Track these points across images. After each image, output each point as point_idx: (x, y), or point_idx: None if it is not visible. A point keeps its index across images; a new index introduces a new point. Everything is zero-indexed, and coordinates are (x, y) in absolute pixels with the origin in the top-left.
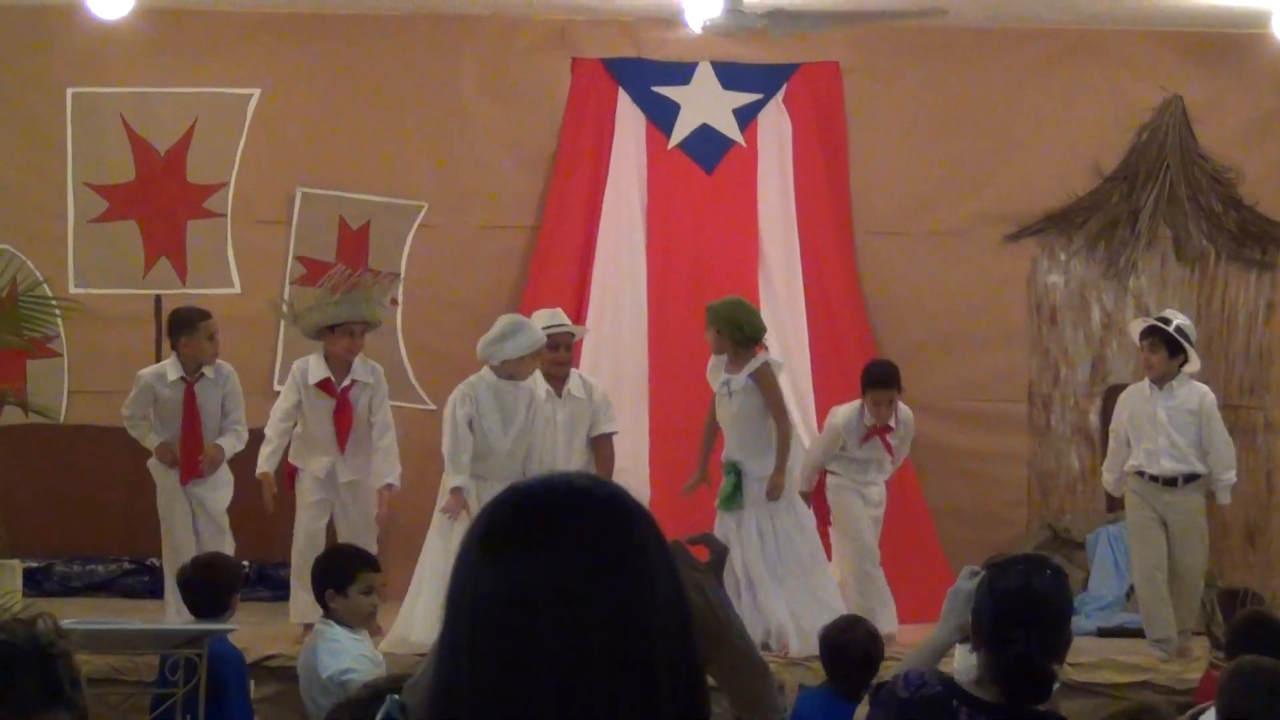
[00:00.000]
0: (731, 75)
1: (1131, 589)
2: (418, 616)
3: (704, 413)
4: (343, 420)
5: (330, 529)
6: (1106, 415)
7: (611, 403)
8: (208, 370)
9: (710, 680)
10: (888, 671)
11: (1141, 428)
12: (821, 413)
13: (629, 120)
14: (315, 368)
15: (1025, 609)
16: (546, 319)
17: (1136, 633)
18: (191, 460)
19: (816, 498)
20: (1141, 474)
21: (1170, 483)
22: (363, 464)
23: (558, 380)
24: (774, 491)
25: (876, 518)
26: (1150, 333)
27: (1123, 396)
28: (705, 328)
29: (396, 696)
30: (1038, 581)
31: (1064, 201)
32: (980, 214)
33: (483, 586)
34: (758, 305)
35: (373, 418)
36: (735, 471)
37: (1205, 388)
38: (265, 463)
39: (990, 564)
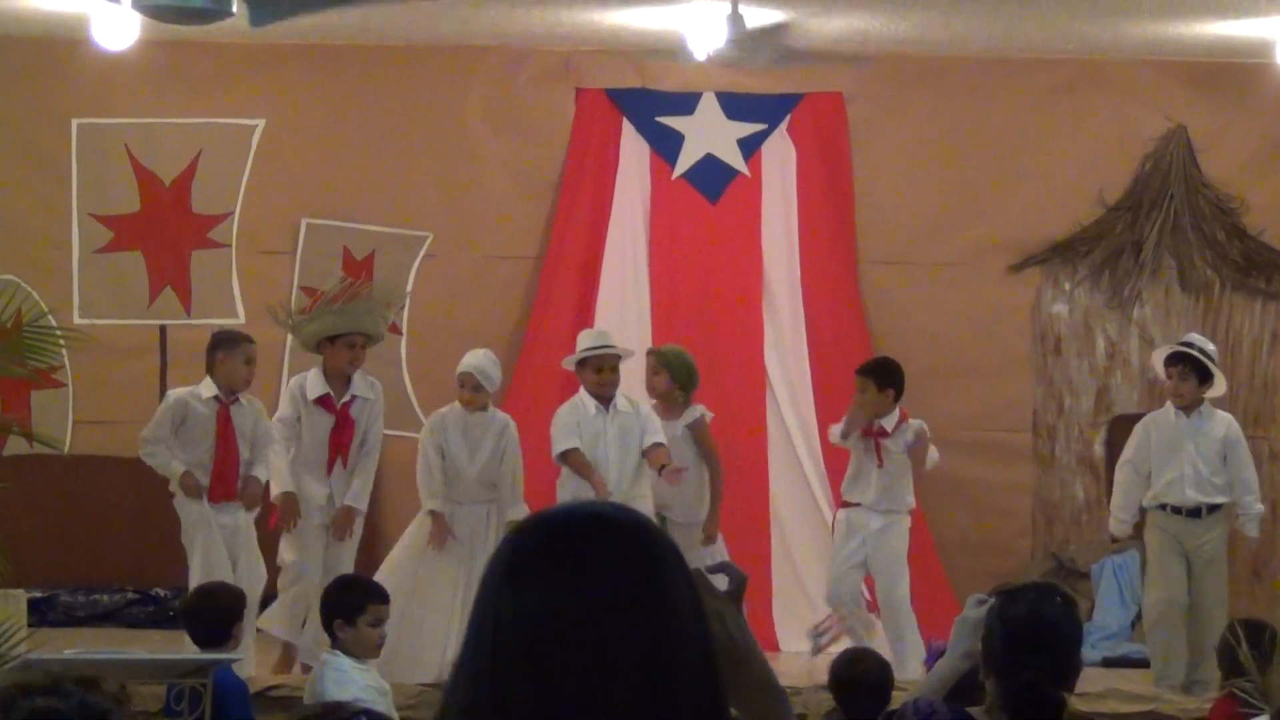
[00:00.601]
0: (735, 105)
1: (1137, 619)
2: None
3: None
4: (342, 438)
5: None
6: (1111, 445)
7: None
8: (243, 397)
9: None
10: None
11: (1165, 456)
12: (825, 442)
13: (633, 150)
14: (314, 383)
15: (1035, 636)
16: (589, 340)
17: (1141, 663)
18: (225, 480)
19: None
20: (1164, 506)
21: (1194, 513)
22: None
23: (605, 399)
24: (710, 539)
25: (860, 559)
26: (1177, 359)
27: (1142, 425)
28: (651, 371)
29: None
30: (1048, 609)
31: (1068, 231)
32: (984, 243)
33: (507, 614)
34: (761, 335)
35: (365, 434)
36: (661, 519)
37: (1230, 416)
38: (286, 480)
39: (1000, 591)
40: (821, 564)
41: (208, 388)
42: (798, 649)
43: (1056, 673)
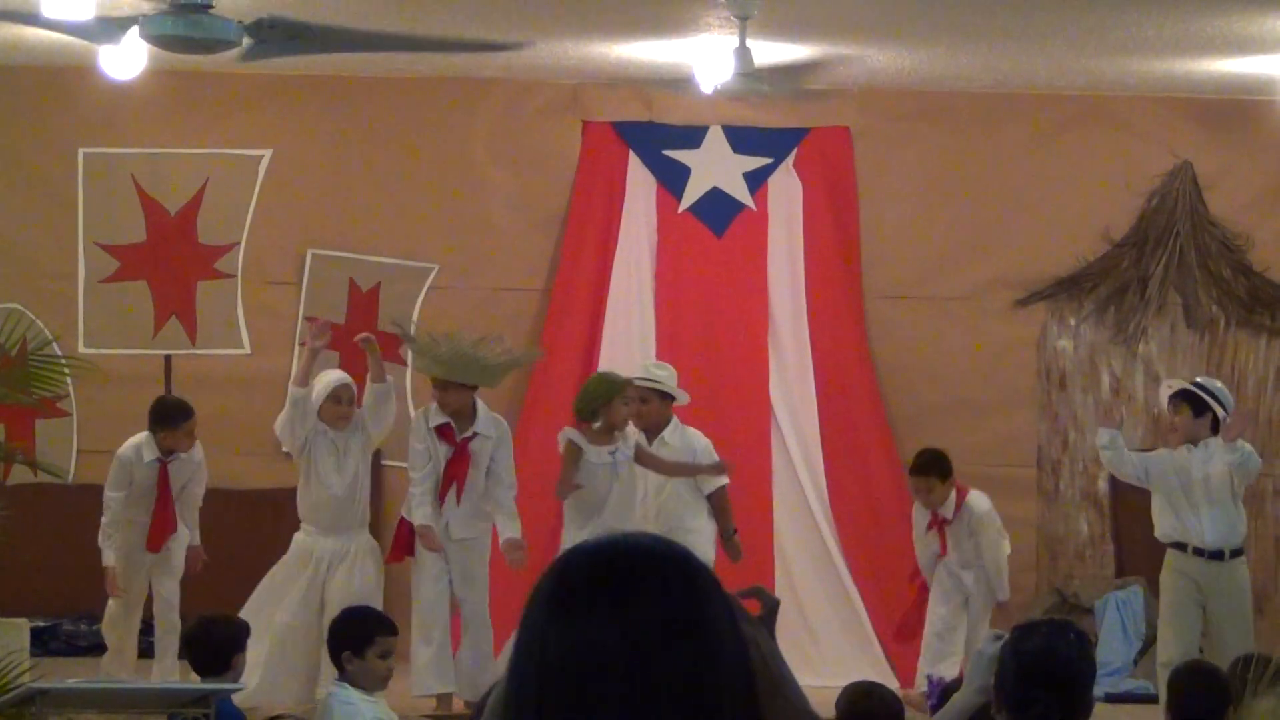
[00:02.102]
0: (742, 139)
1: (1140, 655)
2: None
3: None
4: (458, 470)
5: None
6: (1115, 481)
7: (712, 453)
8: (181, 454)
9: None
10: None
11: (1179, 498)
12: (831, 474)
13: (639, 183)
14: (436, 413)
15: (1047, 672)
16: (641, 371)
17: (1144, 699)
18: (163, 532)
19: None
20: (1183, 547)
21: (1216, 556)
22: (476, 521)
23: (649, 432)
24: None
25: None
26: (1174, 395)
27: (1166, 453)
28: (633, 400)
29: None
30: (1061, 645)
31: (1074, 267)
32: (990, 278)
33: (551, 646)
34: (767, 368)
35: (494, 468)
36: None
37: (1246, 443)
38: (423, 514)
39: (1015, 627)
40: (825, 597)
41: (149, 449)
42: (803, 683)
43: (1067, 709)
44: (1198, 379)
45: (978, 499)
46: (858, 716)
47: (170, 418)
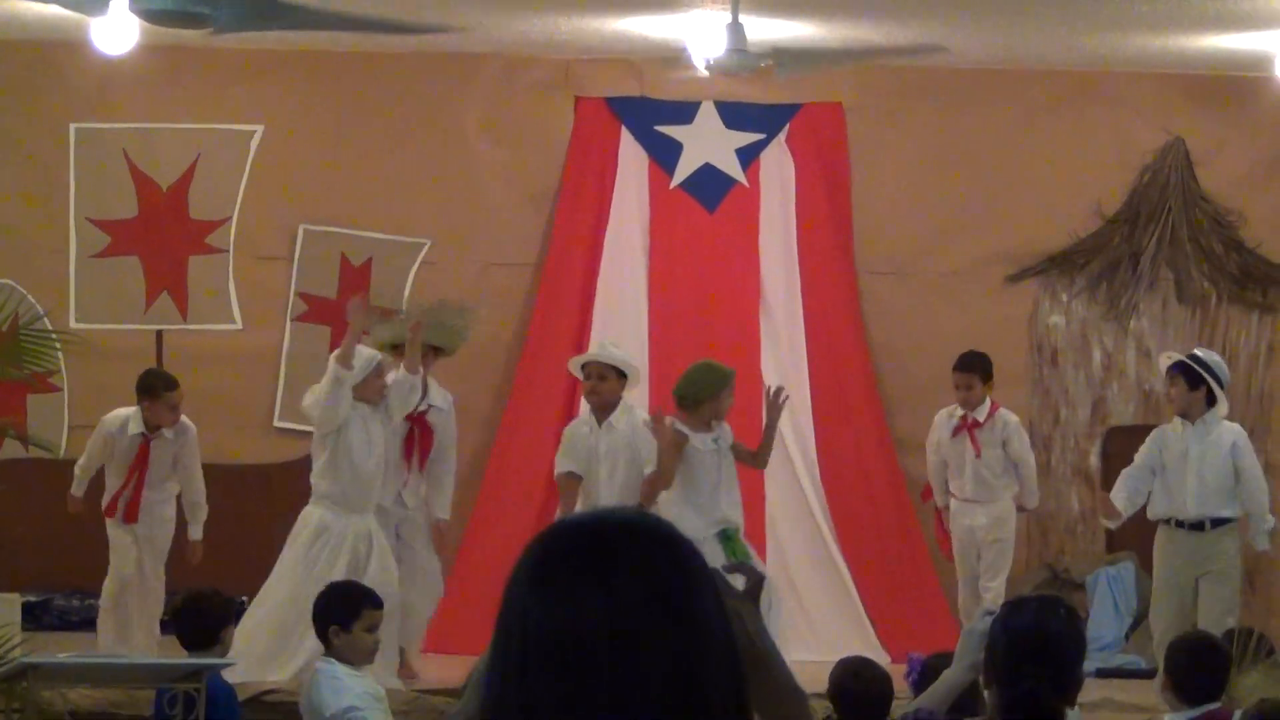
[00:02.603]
0: (734, 115)
1: (1131, 630)
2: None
3: None
4: (419, 445)
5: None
6: (1107, 456)
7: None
8: (166, 431)
9: None
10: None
11: (1171, 467)
12: (822, 452)
13: (631, 159)
14: None
15: (1036, 647)
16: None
17: (1136, 674)
18: (133, 504)
19: (939, 529)
20: (1168, 522)
21: (1197, 527)
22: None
23: (599, 410)
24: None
25: (979, 542)
26: (1171, 366)
27: (1157, 432)
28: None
29: None
30: (1050, 621)
31: (1066, 243)
32: (982, 255)
33: (534, 621)
34: (759, 344)
35: (440, 443)
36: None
37: (1238, 426)
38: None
39: (1005, 603)
40: (817, 572)
41: (135, 423)
42: (793, 659)
43: (1057, 685)
44: (1196, 351)
45: (1009, 413)
46: (848, 692)
47: (151, 388)
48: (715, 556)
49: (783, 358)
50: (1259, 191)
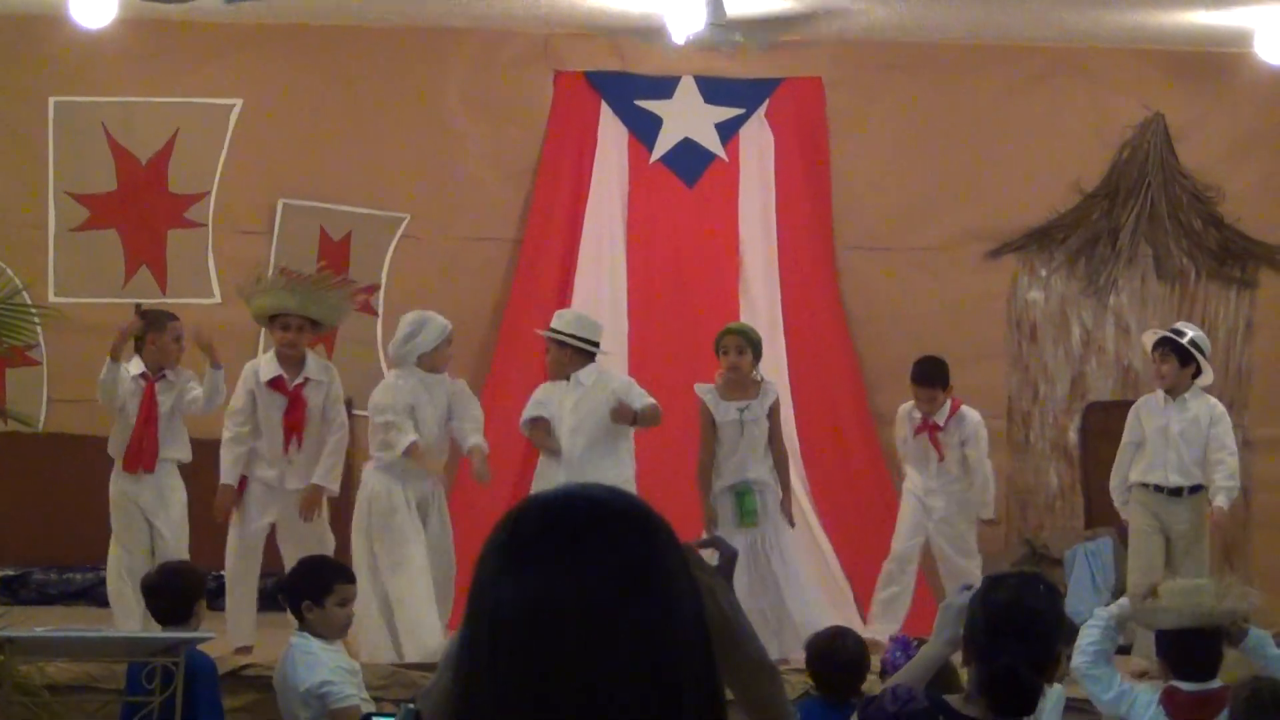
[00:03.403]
0: (714, 89)
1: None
2: None
3: (684, 421)
4: (294, 419)
5: (270, 542)
6: (1085, 432)
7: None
8: (169, 373)
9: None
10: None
11: (1151, 437)
12: (801, 427)
13: (611, 133)
14: (267, 366)
15: (1015, 623)
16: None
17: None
18: (142, 453)
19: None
20: (1146, 485)
21: (1175, 493)
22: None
23: (554, 374)
24: (789, 521)
25: (927, 526)
26: (1161, 343)
27: (1136, 406)
28: (736, 352)
29: (412, 705)
30: (1029, 597)
31: (1045, 218)
32: (961, 230)
33: (505, 599)
34: (738, 318)
35: (326, 414)
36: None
37: (1217, 400)
38: (229, 473)
39: (984, 578)
40: (797, 546)
41: (135, 365)
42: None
43: (1035, 660)
44: (1181, 326)
45: (971, 411)
46: (825, 657)
47: (156, 320)
48: (727, 511)
49: (762, 332)
50: (1238, 167)
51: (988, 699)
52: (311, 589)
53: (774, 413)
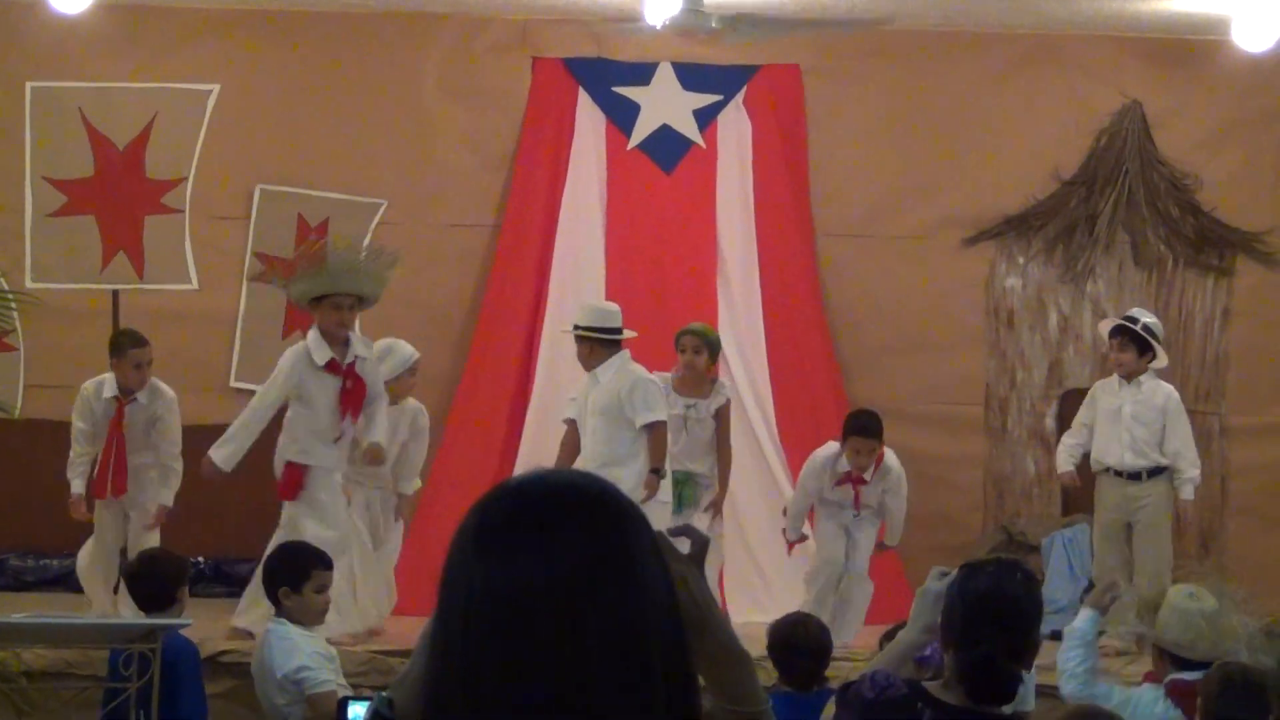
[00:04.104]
0: (692, 76)
1: (1086, 591)
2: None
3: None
4: (353, 398)
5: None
6: (1063, 418)
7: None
8: (140, 395)
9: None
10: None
11: (1107, 422)
12: (780, 414)
13: (589, 120)
14: (318, 348)
15: (994, 611)
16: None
17: None
18: (113, 478)
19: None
20: (1107, 470)
21: (1135, 476)
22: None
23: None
24: (717, 512)
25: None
26: (1119, 331)
27: (1094, 388)
28: (693, 351)
29: (385, 693)
30: (1008, 585)
31: (1023, 205)
32: (939, 217)
33: (476, 585)
34: (715, 306)
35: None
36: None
37: (1170, 386)
38: (229, 461)
39: (962, 566)
40: (773, 535)
41: (110, 386)
42: (748, 620)
43: (1014, 649)
44: (1135, 313)
45: (892, 457)
46: (787, 647)
47: (117, 345)
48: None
49: (739, 319)
50: (1216, 155)
51: (966, 687)
52: (289, 575)
53: (723, 415)
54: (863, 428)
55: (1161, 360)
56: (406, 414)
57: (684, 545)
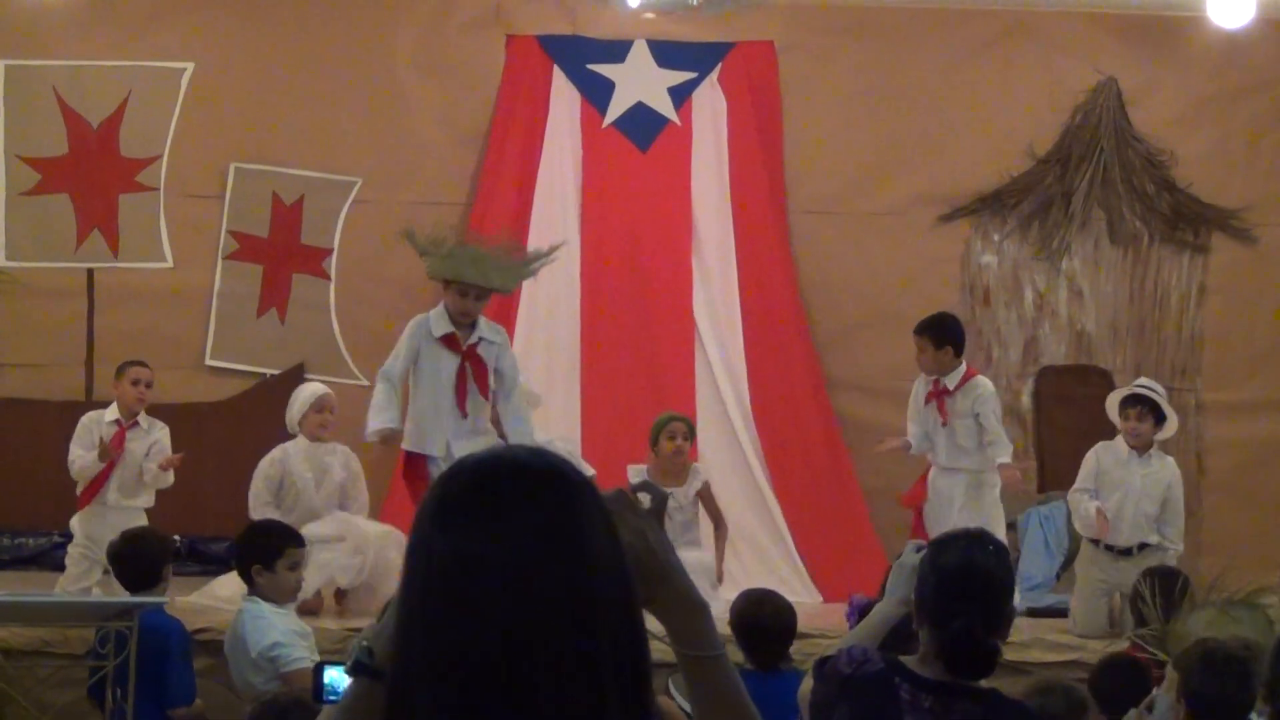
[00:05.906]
0: (666, 53)
1: (1061, 569)
2: None
3: (637, 388)
4: (477, 378)
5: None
6: (1039, 396)
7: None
8: (142, 420)
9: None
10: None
11: (1110, 491)
12: (754, 390)
13: (563, 98)
14: (438, 321)
15: (967, 584)
16: None
17: (1066, 613)
18: (91, 489)
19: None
20: (1096, 542)
21: (1126, 553)
22: (476, 438)
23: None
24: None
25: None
26: (1136, 401)
27: (1093, 453)
28: (674, 435)
29: (365, 642)
30: (979, 557)
31: (998, 182)
32: (914, 194)
33: (435, 557)
34: (691, 284)
35: (500, 373)
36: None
37: (1173, 460)
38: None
39: (933, 540)
40: (748, 510)
41: (111, 411)
42: (725, 596)
43: (988, 621)
44: (1146, 381)
45: (985, 381)
46: (750, 622)
47: (121, 365)
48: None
49: (715, 296)
50: (1191, 131)
51: (946, 662)
52: (262, 553)
53: (704, 495)
54: (915, 329)
55: (1172, 428)
56: (338, 455)
57: (645, 501)
